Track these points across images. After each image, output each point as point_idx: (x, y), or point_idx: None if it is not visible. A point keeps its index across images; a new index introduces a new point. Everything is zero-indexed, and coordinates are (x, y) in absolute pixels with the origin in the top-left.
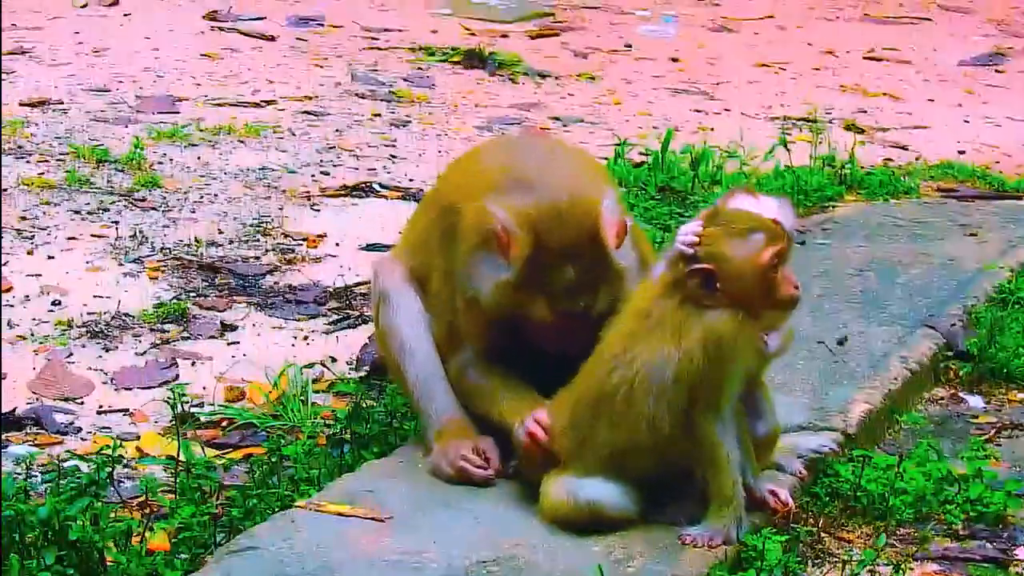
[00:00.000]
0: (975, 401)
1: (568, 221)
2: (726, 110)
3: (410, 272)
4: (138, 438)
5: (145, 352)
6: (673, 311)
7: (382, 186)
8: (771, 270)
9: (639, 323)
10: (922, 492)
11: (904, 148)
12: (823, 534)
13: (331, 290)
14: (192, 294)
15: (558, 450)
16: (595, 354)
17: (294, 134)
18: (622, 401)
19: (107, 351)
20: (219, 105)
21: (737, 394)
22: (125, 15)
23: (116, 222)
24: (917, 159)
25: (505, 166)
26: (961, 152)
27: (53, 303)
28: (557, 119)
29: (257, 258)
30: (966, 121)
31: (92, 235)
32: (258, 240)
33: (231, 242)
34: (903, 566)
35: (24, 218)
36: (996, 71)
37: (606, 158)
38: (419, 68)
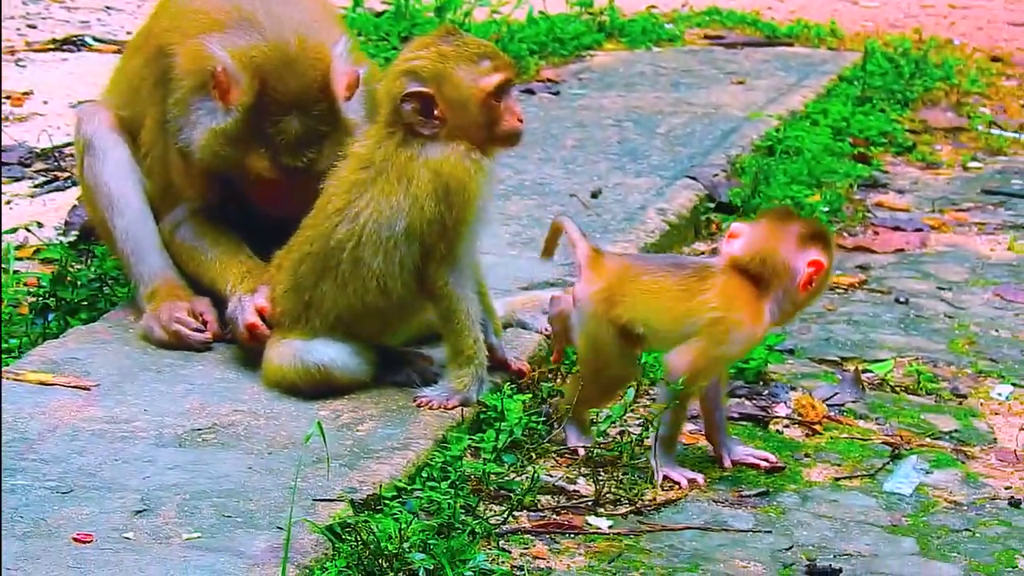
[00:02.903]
0: None
1: (296, 67)
2: None
3: (119, 122)
4: None
5: None
6: (395, 153)
7: (96, 40)
8: (494, 98)
9: (362, 172)
10: None
11: None
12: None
13: (37, 151)
14: None
15: (280, 313)
16: (316, 209)
17: None
18: (349, 260)
19: None
20: None
21: (474, 243)
22: None
23: None
24: (683, 5)
25: (227, 3)
26: None
27: None
28: None
29: None
30: None
31: None
32: None
33: None
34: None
35: None
36: None
37: (344, 8)
38: None
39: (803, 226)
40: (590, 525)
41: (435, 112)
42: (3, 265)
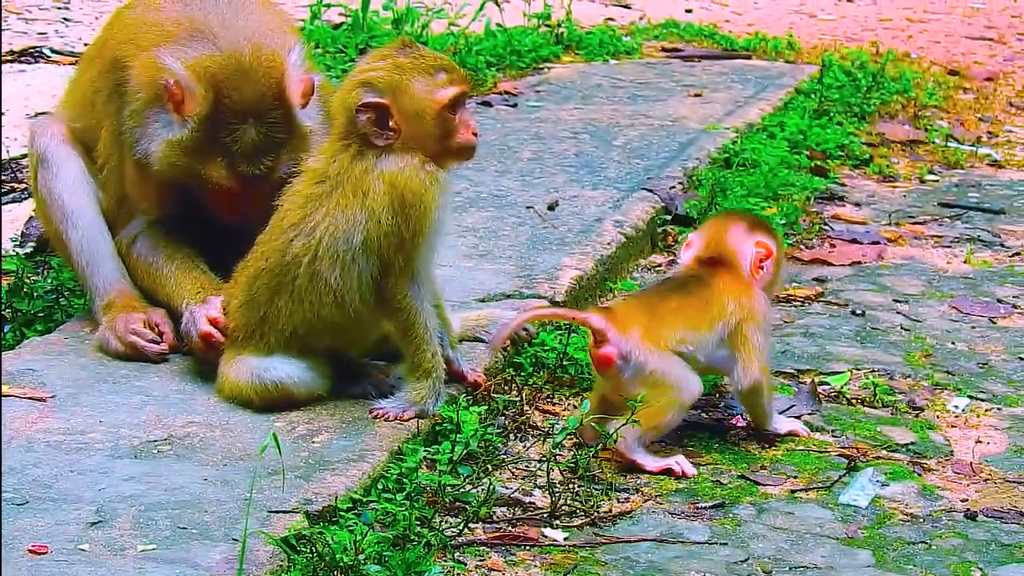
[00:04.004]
0: None
1: (251, 76)
2: None
3: (73, 134)
4: None
5: None
6: (350, 166)
7: (53, 51)
8: (449, 111)
9: (316, 186)
10: None
11: (627, 7)
12: (526, 406)
13: None
14: None
15: (234, 328)
16: (271, 224)
17: None
18: (305, 274)
19: None
20: None
21: (431, 255)
22: None
23: None
24: (641, 18)
25: (180, 14)
26: (688, 11)
27: None
28: None
29: None
30: None
31: None
32: None
33: None
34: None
35: None
36: None
37: (302, 20)
38: None
39: (746, 218)
40: (546, 537)
41: (390, 123)
42: None
